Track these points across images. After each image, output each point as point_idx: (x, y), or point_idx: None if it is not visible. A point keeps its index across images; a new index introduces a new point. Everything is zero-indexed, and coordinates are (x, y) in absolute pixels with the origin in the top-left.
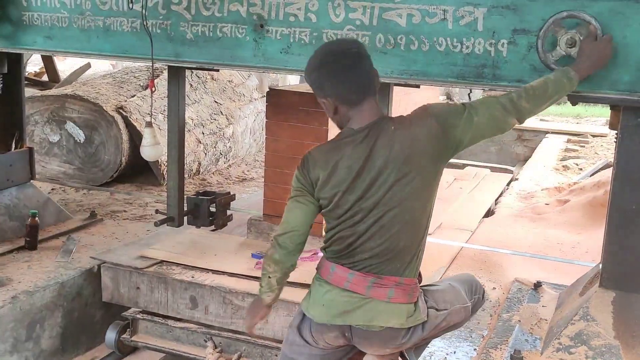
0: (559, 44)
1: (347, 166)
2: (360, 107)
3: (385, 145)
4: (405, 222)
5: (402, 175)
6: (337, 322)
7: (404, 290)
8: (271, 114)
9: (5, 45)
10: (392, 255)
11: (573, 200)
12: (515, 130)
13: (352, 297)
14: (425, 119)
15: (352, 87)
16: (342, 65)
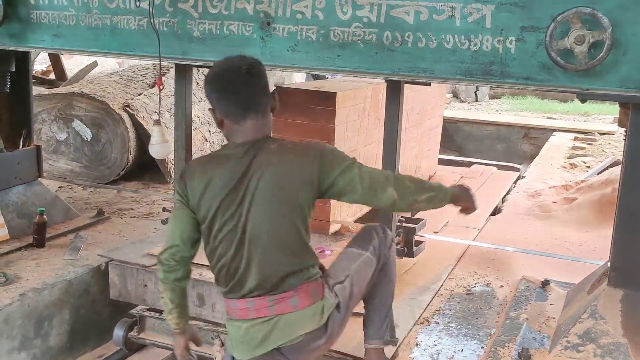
0: (569, 36)
1: (223, 180)
2: (244, 124)
3: (262, 165)
4: (278, 245)
5: (274, 197)
6: (261, 352)
7: (306, 293)
8: (278, 111)
9: (13, 43)
10: (277, 279)
11: (581, 198)
12: (522, 128)
13: (261, 322)
14: (310, 152)
15: (237, 103)
16: (230, 81)
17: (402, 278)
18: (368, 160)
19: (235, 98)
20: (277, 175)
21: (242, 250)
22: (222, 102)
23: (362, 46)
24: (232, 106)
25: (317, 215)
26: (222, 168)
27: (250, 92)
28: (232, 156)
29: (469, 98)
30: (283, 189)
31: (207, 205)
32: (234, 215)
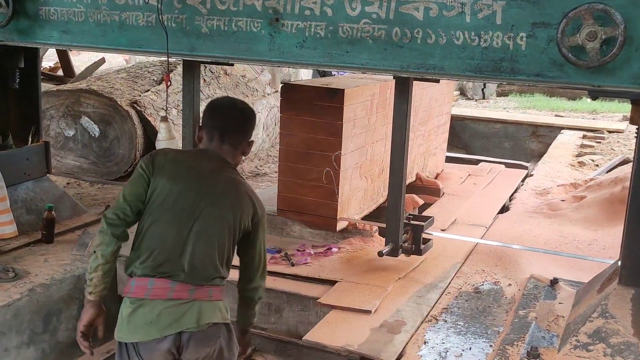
0: (580, 33)
1: (191, 171)
2: (219, 146)
3: (228, 180)
4: (216, 250)
5: (224, 210)
6: (169, 332)
7: (219, 289)
8: (285, 108)
9: (21, 39)
10: (203, 275)
11: (590, 197)
12: (530, 126)
13: (178, 304)
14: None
15: (224, 126)
16: (226, 109)
17: (409, 276)
18: (375, 157)
19: (225, 122)
20: (238, 195)
21: (184, 237)
22: (210, 121)
23: (371, 42)
24: (218, 126)
25: (324, 213)
26: (197, 161)
27: (233, 125)
28: (207, 157)
29: (476, 95)
30: (236, 208)
31: (168, 185)
32: (191, 203)
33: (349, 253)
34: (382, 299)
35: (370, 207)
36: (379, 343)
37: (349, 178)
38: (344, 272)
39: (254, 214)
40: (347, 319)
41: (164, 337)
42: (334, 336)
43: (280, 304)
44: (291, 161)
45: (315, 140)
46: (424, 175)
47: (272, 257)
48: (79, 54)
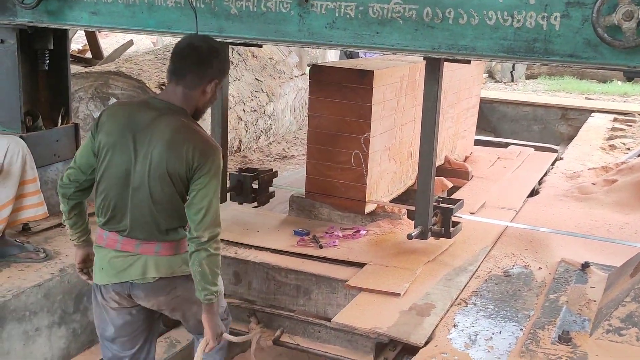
0: (616, 12)
1: (127, 126)
2: (172, 88)
3: (166, 127)
4: (155, 201)
5: (163, 161)
6: (116, 280)
7: (170, 244)
8: (314, 90)
9: (51, 21)
10: (150, 228)
11: (621, 180)
12: (560, 109)
13: (125, 256)
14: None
15: (173, 67)
16: (179, 49)
17: (439, 259)
18: (404, 140)
19: (173, 64)
20: (171, 143)
21: (124, 193)
22: (169, 62)
23: (402, 23)
24: (171, 68)
25: (353, 195)
26: (133, 115)
27: (184, 64)
28: (148, 107)
29: (504, 78)
30: (171, 160)
31: (107, 142)
32: (127, 159)
33: (378, 236)
34: (411, 282)
35: (399, 189)
36: (408, 326)
37: (377, 160)
38: (373, 255)
39: (194, 163)
40: (376, 301)
41: (113, 284)
42: (363, 318)
43: (309, 286)
44: (320, 143)
45: (344, 122)
46: (452, 158)
47: (300, 239)
48: (107, 36)
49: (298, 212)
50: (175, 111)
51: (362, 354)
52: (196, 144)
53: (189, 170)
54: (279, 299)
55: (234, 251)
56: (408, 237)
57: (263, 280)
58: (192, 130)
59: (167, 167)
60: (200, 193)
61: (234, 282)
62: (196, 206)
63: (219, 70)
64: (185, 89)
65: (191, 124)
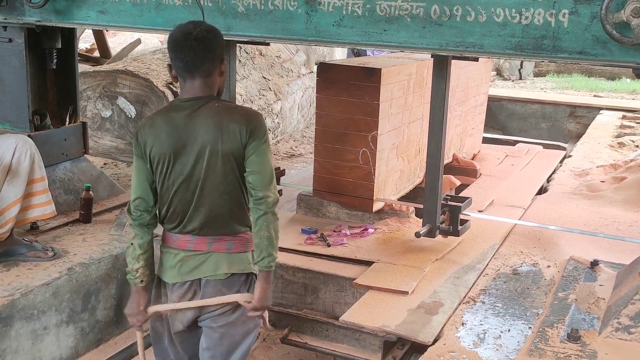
0: (625, 9)
1: (170, 133)
2: (191, 83)
3: (206, 117)
4: (222, 194)
5: (216, 150)
6: (188, 278)
7: (240, 241)
8: (321, 88)
9: (59, 20)
10: (221, 221)
11: (630, 178)
12: (568, 106)
13: (197, 254)
14: (247, 117)
15: (185, 64)
16: (180, 44)
17: (447, 257)
18: (412, 138)
19: (182, 60)
20: (217, 128)
21: (189, 197)
22: (174, 61)
23: (409, 20)
24: (181, 66)
25: (360, 193)
26: (170, 121)
27: (194, 56)
28: (179, 109)
29: (512, 76)
30: (224, 144)
31: (158, 154)
32: (183, 163)
33: (386, 234)
34: (419, 280)
35: (407, 187)
36: (416, 324)
37: (385, 158)
38: (381, 253)
39: (244, 134)
40: (384, 299)
41: (184, 282)
42: (370, 317)
43: (317, 284)
44: (327, 141)
45: (352, 120)
46: (460, 156)
47: (308, 237)
48: (115, 35)
49: (306, 211)
50: (205, 100)
51: (370, 352)
52: (239, 118)
53: (242, 145)
54: (287, 297)
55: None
56: (416, 235)
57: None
58: (229, 108)
59: (222, 151)
60: (254, 157)
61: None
62: (255, 169)
63: (222, 47)
64: (205, 78)
65: (226, 103)
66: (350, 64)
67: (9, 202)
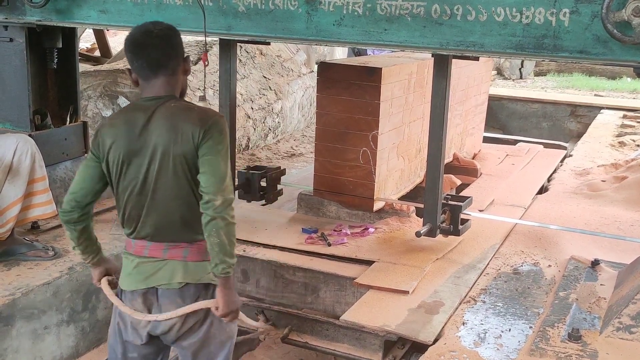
0: (626, 8)
1: (128, 134)
2: (155, 82)
3: (162, 118)
4: (174, 199)
5: (170, 153)
6: (143, 286)
7: (198, 249)
8: (322, 87)
9: (60, 19)
10: (174, 228)
11: (631, 177)
12: (569, 106)
13: (153, 261)
14: (190, 130)
15: (146, 64)
16: (142, 43)
17: (447, 256)
18: (412, 137)
19: (145, 59)
20: (171, 129)
21: (143, 201)
22: (134, 62)
23: (410, 20)
24: (142, 66)
25: (361, 193)
26: (129, 121)
27: (158, 54)
28: (140, 109)
29: (513, 75)
30: (176, 146)
31: (114, 156)
32: (138, 166)
33: (386, 233)
34: (420, 280)
35: (407, 187)
36: (416, 324)
37: (386, 158)
38: (381, 253)
39: (197, 135)
40: (385, 299)
41: (140, 290)
42: (371, 316)
43: (317, 284)
44: (328, 141)
45: (352, 119)
46: (461, 155)
47: (308, 237)
48: (116, 34)
49: (306, 210)
50: (164, 101)
51: (370, 352)
52: (194, 118)
53: (195, 146)
54: (287, 297)
55: (242, 249)
56: (417, 235)
57: (271, 278)
58: (186, 109)
59: (174, 154)
60: (207, 158)
61: (242, 280)
62: (205, 170)
63: (182, 45)
64: (169, 76)
65: (184, 103)
66: (350, 63)
67: (10, 201)
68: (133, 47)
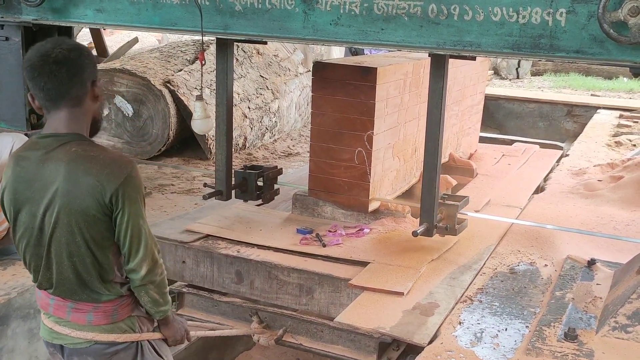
0: (622, 8)
1: (22, 177)
2: (55, 115)
3: (60, 164)
4: (69, 254)
5: (64, 206)
6: (52, 341)
7: (104, 312)
8: (317, 87)
9: (56, 18)
10: (72, 286)
11: (627, 177)
12: (565, 106)
13: (58, 320)
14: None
15: (45, 92)
16: (39, 69)
17: (444, 256)
18: (408, 137)
19: (45, 87)
20: (69, 181)
21: (40, 251)
22: (35, 89)
23: (407, 19)
24: (42, 95)
25: (356, 193)
26: (22, 162)
27: (55, 82)
28: (35, 147)
29: (510, 75)
30: (75, 201)
31: (6, 200)
32: (32, 215)
33: (381, 234)
34: (415, 281)
35: (403, 187)
36: (411, 325)
37: (381, 158)
38: (376, 254)
39: (104, 194)
40: (380, 300)
41: (50, 343)
42: (365, 318)
43: (312, 285)
44: (323, 141)
45: (348, 119)
46: (457, 155)
47: (303, 237)
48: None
49: (301, 210)
50: (64, 141)
51: (365, 353)
52: (98, 172)
53: (100, 205)
54: (282, 298)
55: (237, 250)
56: (413, 234)
57: (265, 279)
58: (89, 157)
59: (72, 209)
60: (122, 223)
61: (236, 281)
62: (123, 238)
63: (93, 66)
64: (72, 108)
65: (87, 148)
66: (346, 63)
67: None
68: (30, 72)
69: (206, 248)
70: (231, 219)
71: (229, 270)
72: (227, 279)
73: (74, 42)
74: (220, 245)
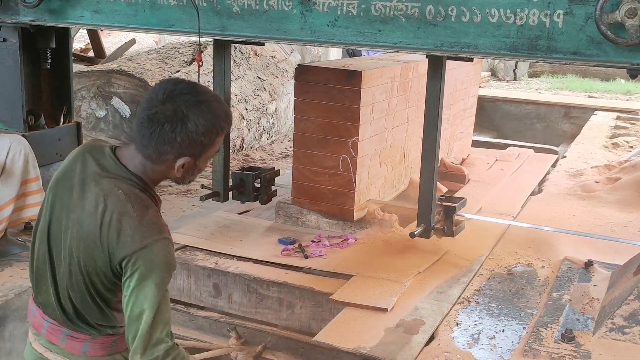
0: (620, 9)
1: (65, 176)
2: (136, 152)
3: (98, 196)
4: (69, 285)
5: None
6: None
7: (103, 344)
8: (300, 91)
9: (53, 19)
10: (72, 318)
11: (624, 178)
12: (562, 107)
13: (50, 345)
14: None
15: (139, 130)
16: (141, 113)
17: (442, 258)
18: (396, 143)
19: (138, 127)
20: (91, 217)
21: (48, 260)
22: (137, 115)
23: (404, 21)
24: (136, 129)
25: (341, 202)
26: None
27: (147, 135)
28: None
29: (507, 76)
30: (90, 248)
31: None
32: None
33: (367, 244)
34: (400, 296)
35: (391, 194)
36: (394, 345)
37: (367, 165)
38: (361, 266)
39: (115, 247)
40: (362, 317)
41: None
42: (346, 336)
43: (292, 299)
44: (307, 147)
45: (332, 125)
46: (448, 160)
47: (284, 248)
48: (110, 34)
49: (285, 219)
50: (122, 176)
51: None
52: (125, 234)
53: (110, 264)
54: (261, 313)
55: (214, 262)
56: (411, 236)
57: (244, 293)
58: (125, 211)
59: (85, 250)
60: (131, 296)
61: (214, 295)
62: (129, 313)
63: (189, 146)
64: (146, 159)
65: (132, 195)
66: (329, 66)
67: (3, 202)
68: (144, 99)
69: (183, 260)
70: (211, 228)
71: (206, 283)
72: (205, 292)
73: (196, 109)
74: (198, 257)
